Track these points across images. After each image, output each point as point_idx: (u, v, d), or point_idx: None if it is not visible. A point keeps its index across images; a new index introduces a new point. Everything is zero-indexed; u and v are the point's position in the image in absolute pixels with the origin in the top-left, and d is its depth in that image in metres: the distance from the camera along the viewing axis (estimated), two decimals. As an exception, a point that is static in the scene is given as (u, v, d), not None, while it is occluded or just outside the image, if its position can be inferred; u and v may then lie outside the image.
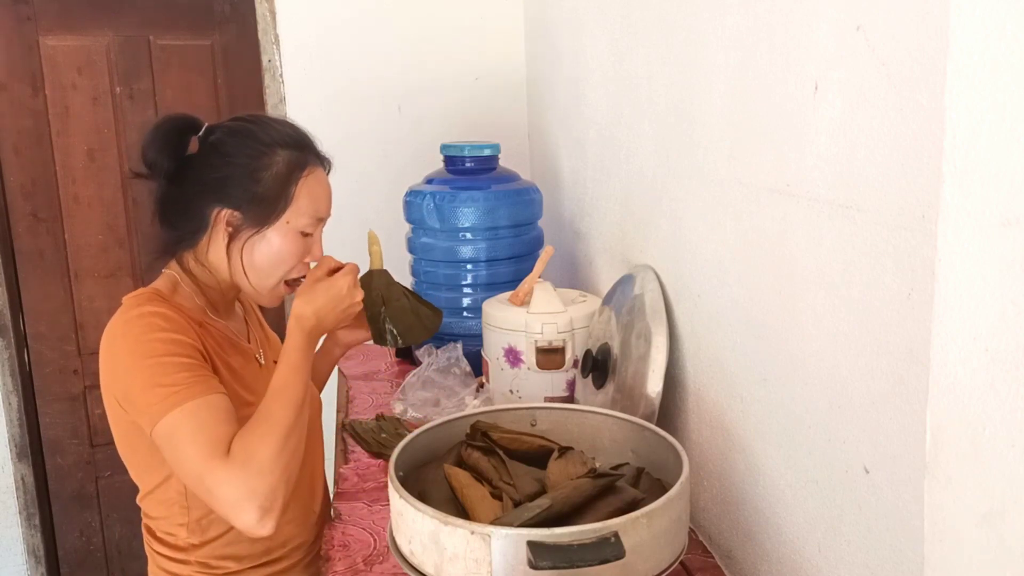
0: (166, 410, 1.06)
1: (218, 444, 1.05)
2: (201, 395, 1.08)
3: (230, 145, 1.19)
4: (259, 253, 1.21)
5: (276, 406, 1.11)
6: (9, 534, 2.58)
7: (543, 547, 0.81)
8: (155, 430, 1.07)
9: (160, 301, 1.16)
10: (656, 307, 1.30)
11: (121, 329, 1.13)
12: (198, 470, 1.05)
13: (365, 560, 1.15)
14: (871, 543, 0.81)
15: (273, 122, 1.25)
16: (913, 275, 0.71)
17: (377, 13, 2.47)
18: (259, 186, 1.18)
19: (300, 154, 1.23)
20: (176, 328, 1.12)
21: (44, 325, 2.55)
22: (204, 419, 1.07)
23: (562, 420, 1.15)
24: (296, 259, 1.23)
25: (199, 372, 1.10)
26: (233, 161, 1.18)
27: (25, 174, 2.46)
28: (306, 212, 1.22)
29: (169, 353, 1.09)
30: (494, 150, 1.95)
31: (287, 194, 1.20)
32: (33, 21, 2.39)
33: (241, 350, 1.27)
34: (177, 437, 1.06)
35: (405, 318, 1.46)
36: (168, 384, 1.07)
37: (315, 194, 1.23)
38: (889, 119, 0.72)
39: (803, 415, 0.93)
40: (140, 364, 1.09)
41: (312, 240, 1.25)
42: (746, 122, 1.02)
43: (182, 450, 1.06)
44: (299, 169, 1.22)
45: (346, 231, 2.54)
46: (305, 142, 1.25)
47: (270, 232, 1.20)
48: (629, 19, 1.48)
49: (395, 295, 1.47)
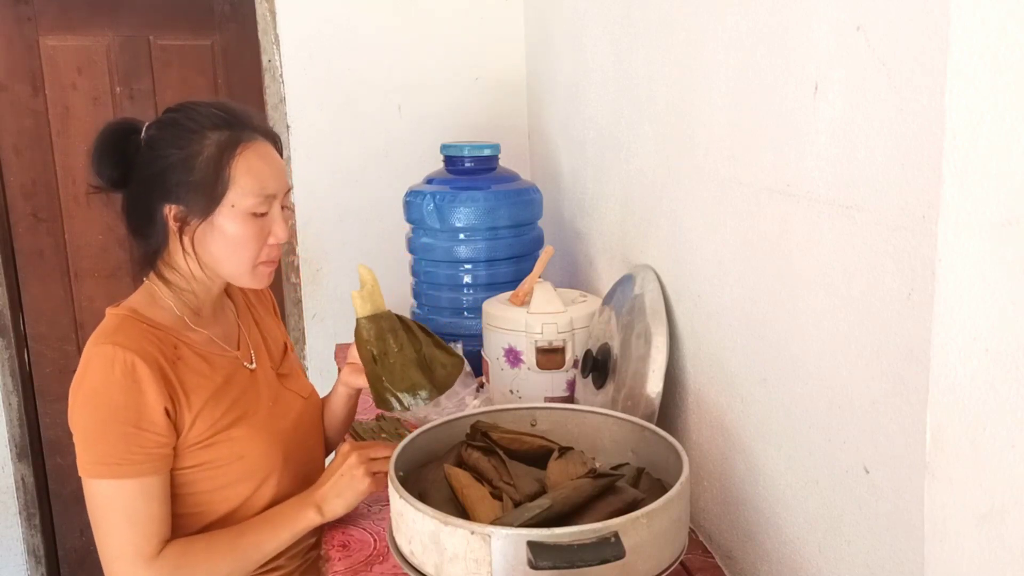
0: (98, 475, 1.10)
1: (148, 539, 1.10)
2: (136, 476, 1.10)
3: (159, 139, 1.16)
4: (214, 244, 1.17)
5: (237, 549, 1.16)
6: (9, 534, 2.58)
7: (543, 547, 0.81)
8: (84, 481, 1.11)
9: (135, 325, 1.14)
10: (656, 307, 1.30)
11: (88, 367, 1.12)
12: (118, 551, 1.10)
13: (365, 560, 1.15)
14: (871, 543, 0.81)
15: (200, 106, 1.19)
16: (913, 275, 0.71)
17: (377, 13, 2.47)
18: (193, 174, 1.14)
19: (231, 132, 1.17)
20: (135, 389, 1.09)
21: (44, 325, 2.55)
22: (136, 506, 1.10)
23: (562, 420, 1.15)
24: (256, 242, 1.18)
25: (143, 450, 1.10)
26: (165, 154, 1.15)
27: (25, 174, 2.46)
28: (249, 191, 1.16)
29: (120, 420, 1.09)
30: (494, 150, 1.95)
31: (223, 177, 1.15)
32: (33, 21, 2.39)
33: (225, 361, 1.23)
34: (104, 509, 1.11)
35: (407, 374, 1.25)
36: (107, 451, 1.09)
37: (255, 170, 1.17)
38: (889, 119, 0.72)
39: (803, 415, 0.93)
40: (91, 415, 1.10)
41: (270, 219, 1.19)
42: (746, 122, 1.02)
43: (108, 522, 1.11)
44: (230, 149, 1.16)
45: (347, 231, 2.56)
46: (236, 119, 1.19)
47: (218, 220, 1.15)
48: (629, 19, 1.47)
49: (394, 345, 1.26)
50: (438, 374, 1.29)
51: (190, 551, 1.13)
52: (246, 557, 1.17)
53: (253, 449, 1.20)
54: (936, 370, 0.69)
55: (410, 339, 1.29)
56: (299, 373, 1.40)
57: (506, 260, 1.91)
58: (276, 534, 1.18)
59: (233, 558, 1.16)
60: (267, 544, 1.17)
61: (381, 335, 1.28)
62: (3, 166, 2.45)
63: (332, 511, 1.18)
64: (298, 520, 1.18)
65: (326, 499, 1.18)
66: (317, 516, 1.18)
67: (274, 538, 1.18)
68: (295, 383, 1.36)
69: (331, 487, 1.18)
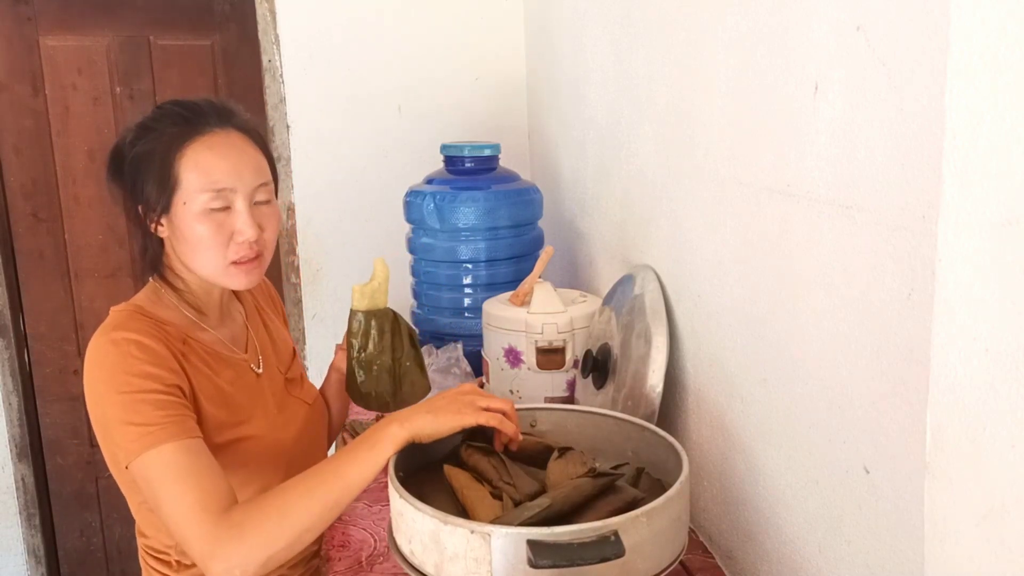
0: (142, 449, 1.01)
1: (209, 494, 0.99)
2: (177, 438, 1.02)
3: (131, 141, 1.14)
4: (180, 244, 1.13)
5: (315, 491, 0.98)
6: (9, 534, 2.58)
7: (543, 546, 0.81)
8: (132, 466, 1.02)
9: (141, 319, 1.11)
10: (656, 307, 1.30)
11: (98, 355, 1.07)
12: (183, 515, 0.98)
13: (365, 560, 1.15)
14: (871, 543, 0.81)
15: (172, 103, 1.15)
16: (913, 275, 0.71)
17: (377, 13, 2.47)
18: (148, 173, 1.11)
19: (185, 127, 1.11)
20: (153, 359, 1.06)
21: (44, 325, 2.55)
22: (188, 465, 1.01)
23: (562, 420, 1.15)
24: (219, 240, 1.11)
25: (175, 411, 1.04)
26: (132, 155, 1.13)
27: (25, 174, 2.46)
28: (198, 187, 1.09)
29: (144, 389, 1.04)
30: (494, 150, 1.95)
31: (170, 176, 1.10)
32: (33, 21, 2.39)
33: (232, 363, 1.21)
34: (159, 478, 1.01)
35: (378, 378, 1.27)
36: (141, 423, 1.02)
37: (203, 165, 1.10)
38: (889, 119, 0.72)
39: (803, 415, 0.93)
40: (115, 398, 1.04)
41: (233, 215, 1.12)
42: (746, 122, 1.02)
43: (167, 489, 1.00)
44: (176, 146, 1.10)
45: (347, 231, 2.56)
46: (195, 112, 1.13)
47: (175, 220, 1.11)
48: (629, 19, 1.48)
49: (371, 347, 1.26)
50: (404, 390, 1.29)
51: (261, 499, 1.00)
52: (324, 485, 0.99)
53: (256, 457, 1.18)
54: (936, 370, 0.69)
55: (394, 345, 1.28)
56: (304, 378, 1.38)
57: (506, 260, 1.91)
58: (353, 456, 1.00)
59: (308, 491, 0.99)
60: (346, 467, 0.99)
61: (367, 332, 1.28)
62: (3, 166, 2.45)
63: (418, 427, 0.99)
64: (376, 437, 1.00)
65: (416, 412, 1.01)
66: (400, 430, 0.99)
67: (352, 460, 0.99)
68: (301, 389, 1.34)
69: (426, 404, 1.03)
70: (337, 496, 0.99)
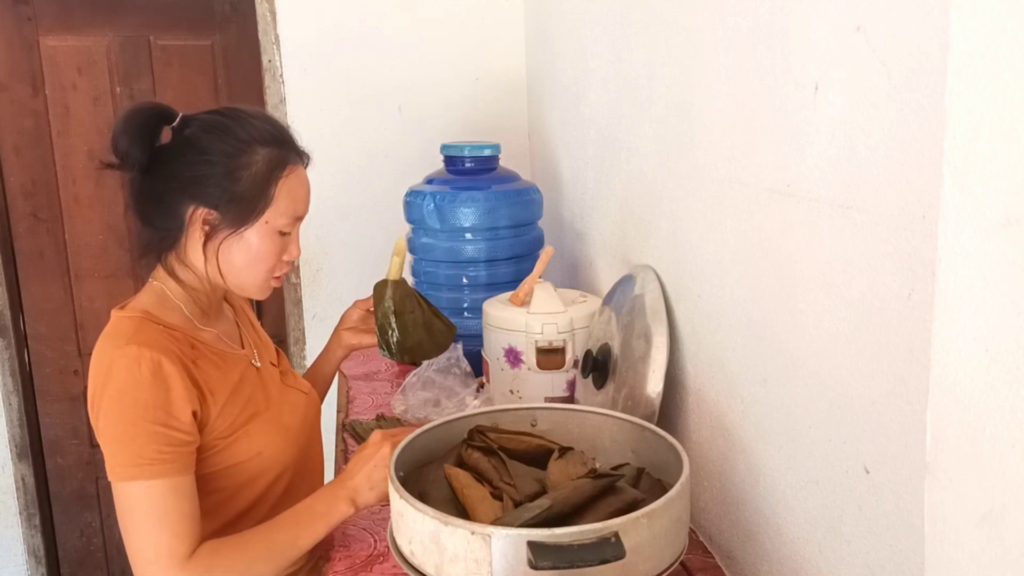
0: (129, 477, 1.05)
1: (181, 540, 1.06)
2: (165, 476, 1.06)
3: (206, 141, 1.15)
4: (237, 253, 1.18)
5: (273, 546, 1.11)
6: (9, 534, 2.58)
7: (543, 547, 0.81)
8: (115, 486, 1.06)
9: (151, 329, 1.12)
10: (656, 307, 1.30)
11: (109, 367, 1.08)
12: (151, 553, 1.05)
13: (365, 560, 1.15)
14: (871, 543, 0.81)
15: (250, 116, 1.19)
16: (913, 275, 0.71)
17: (377, 13, 2.47)
18: (238, 185, 1.15)
19: (280, 152, 1.19)
20: (163, 386, 1.07)
21: (44, 325, 2.55)
22: (167, 506, 1.06)
23: (562, 420, 1.15)
24: (274, 258, 1.20)
25: (173, 449, 1.07)
26: (210, 159, 1.14)
27: (25, 174, 2.46)
28: (285, 212, 1.19)
29: (147, 419, 1.06)
30: (494, 150, 1.95)
31: (267, 194, 1.17)
32: (33, 21, 2.39)
33: (236, 359, 1.24)
34: (138, 509, 1.06)
35: (415, 333, 1.49)
36: (135, 452, 1.05)
37: (295, 194, 1.20)
38: (889, 119, 0.72)
39: (803, 415, 0.93)
40: (119, 416, 1.06)
41: (290, 238, 1.23)
42: (746, 122, 1.02)
43: (141, 523, 1.06)
44: (279, 168, 1.18)
45: (347, 231, 2.55)
46: (284, 138, 1.21)
47: (248, 232, 1.17)
48: (629, 19, 1.47)
49: (408, 307, 1.48)
50: (437, 337, 1.57)
51: (223, 551, 1.09)
52: (282, 554, 1.12)
53: (269, 444, 1.21)
54: (936, 370, 0.69)
55: (419, 305, 1.55)
56: (294, 370, 1.43)
57: (506, 260, 1.91)
58: (312, 529, 1.12)
59: (268, 556, 1.11)
60: (302, 539, 1.12)
61: (404, 297, 1.53)
62: (3, 166, 2.45)
63: (365, 502, 1.13)
64: (331, 513, 1.13)
65: (359, 490, 1.13)
66: (350, 508, 1.13)
67: (310, 533, 1.12)
68: (294, 380, 1.38)
69: (364, 478, 1.13)
70: (290, 557, 1.13)
